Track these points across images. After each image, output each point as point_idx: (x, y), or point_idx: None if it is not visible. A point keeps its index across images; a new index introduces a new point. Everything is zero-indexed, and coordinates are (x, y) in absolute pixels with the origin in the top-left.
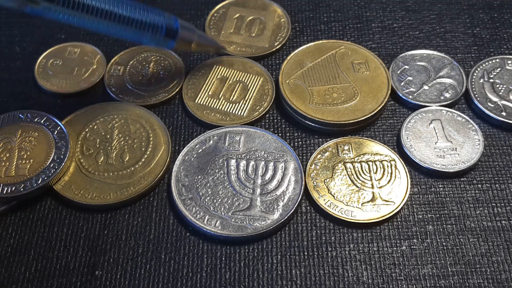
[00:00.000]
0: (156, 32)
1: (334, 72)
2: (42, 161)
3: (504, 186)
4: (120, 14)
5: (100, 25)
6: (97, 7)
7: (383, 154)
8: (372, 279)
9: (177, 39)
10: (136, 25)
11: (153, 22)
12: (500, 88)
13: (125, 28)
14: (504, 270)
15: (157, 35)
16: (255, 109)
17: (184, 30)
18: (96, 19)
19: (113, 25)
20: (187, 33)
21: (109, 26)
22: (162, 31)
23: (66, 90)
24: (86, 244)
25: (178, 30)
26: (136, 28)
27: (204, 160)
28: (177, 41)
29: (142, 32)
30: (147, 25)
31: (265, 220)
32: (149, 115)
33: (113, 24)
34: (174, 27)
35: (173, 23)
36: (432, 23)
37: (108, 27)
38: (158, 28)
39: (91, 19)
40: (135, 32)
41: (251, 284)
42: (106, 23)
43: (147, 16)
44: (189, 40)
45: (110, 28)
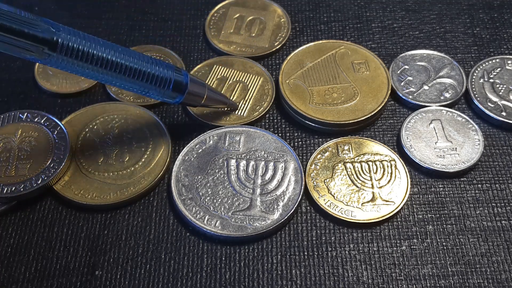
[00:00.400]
0: (164, 86)
1: (334, 72)
2: (42, 161)
3: (504, 186)
4: (127, 66)
5: (104, 76)
6: (102, 57)
7: (383, 154)
8: (372, 279)
9: (186, 93)
10: (143, 78)
11: (161, 75)
12: (500, 88)
13: (131, 81)
14: (504, 270)
15: (165, 89)
16: (255, 109)
17: (193, 85)
18: (100, 70)
19: (119, 77)
20: (197, 87)
21: (114, 78)
22: (170, 85)
23: (66, 90)
24: (86, 244)
25: (188, 85)
26: (143, 81)
27: (204, 160)
28: (186, 96)
29: (149, 85)
30: (155, 78)
31: (265, 220)
32: (149, 115)
33: (119, 76)
34: (183, 82)
35: (182, 77)
36: (432, 23)
37: (114, 78)
38: (166, 82)
39: (95, 70)
40: (142, 85)
41: (251, 284)
42: (111, 75)
43: (155, 69)
44: (198, 96)
45: (116, 80)
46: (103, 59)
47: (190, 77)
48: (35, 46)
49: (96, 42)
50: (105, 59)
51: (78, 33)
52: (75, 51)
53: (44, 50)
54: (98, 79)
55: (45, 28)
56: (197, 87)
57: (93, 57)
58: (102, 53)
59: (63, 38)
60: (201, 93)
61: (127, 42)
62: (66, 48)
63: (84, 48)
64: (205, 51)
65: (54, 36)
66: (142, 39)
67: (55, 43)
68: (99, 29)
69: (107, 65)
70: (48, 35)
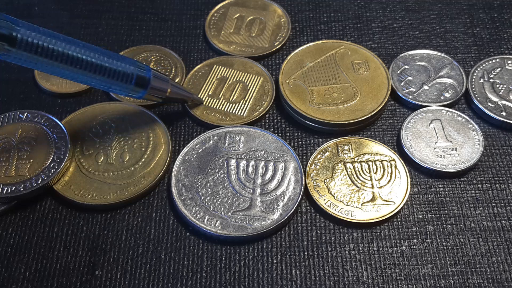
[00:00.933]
0: (126, 81)
1: (334, 72)
2: (42, 161)
3: (504, 186)
4: (88, 61)
5: (65, 72)
6: (62, 52)
7: (383, 154)
8: (372, 279)
9: (148, 89)
10: (105, 73)
11: (123, 70)
12: (500, 88)
13: (93, 76)
14: (504, 270)
15: (127, 84)
16: (255, 109)
17: (156, 80)
18: (61, 66)
19: (81, 72)
20: (160, 83)
21: (76, 73)
22: (132, 80)
23: (66, 90)
24: (86, 244)
25: (150, 80)
26: (105, 76)
27: (204, 160)
28: (148, 91)
29: (112, 80)
30: (117, 73)
31: (265, 220)
32: (149, 115)
33: (81, 71)
34: (146, 76)
35: (145, 72)
36: (432, 23)
37: (75, 74)
38: (128, 77)
39: (55, 66)
40: (104, 80)
41: (251, 284)
42: (72, 70)
43: (117, 64)
44: (162, 90)
45: (77, 75)
46: (64, 54)
47: (153, 72)
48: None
49: (56, 38)
50: (65, 54)
51: (38, 29)
52: (34, 47)
53: (4, 46)
54: (59, 75)
55: (4, 23)
56: (160, 82)
57: (53, 52)
58: (62, 48)
59: (22, 33)
60: (164, 88)
61: (127, 42)
62: (25, 44)
63: (44, 44)
64: (205, 51)
65: (14, 32)
66: (142, 39)
67: (14, 39)
68: (99, 29)
69: (67, 60)
70: (7, 30)
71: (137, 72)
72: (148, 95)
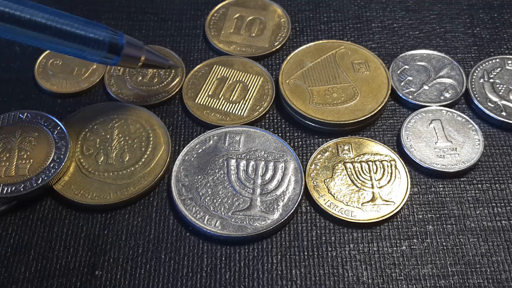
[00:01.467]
0: (98, 47)
1: (334, 72)
2: (42, 161)
3: (504, 186)
4: (57, 28)
5: (35, 40)
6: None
7: (383, 154)
8: (372, 279)
9: (122, 55)
10: (76, 40)
11: (95, 37)
12: (500, 88)
13: (65, 43)
14: (504, 270)
15: (100, 51)
16: (255, 109)
17: (130, 46)
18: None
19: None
20: (134, 49)
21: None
22: (105, 47)
23: (66, 90)
24: (86, 244)
25: (123, 46)
26: (77, 43)
27: (204, 160)
28: (122, 58)
29: (84, 47)
30: (89, 40)
31: (265, 220)
32: (149, 115)
33: (50, 38)
34: (119, 43)
35: (118, 38)
36: (432, 23)
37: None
38: (100, 44)
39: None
40: (76, 48)
41: (251, 284)
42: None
43: (89, 30)
44: (135, 57)
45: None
46: (31, 21)
47: (126, 38)
48: None
49: (24, 4)
50: (33, 21)
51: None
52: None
53: None
54: (29, 43)
55: None
56: (133, 48)
57: (20, 20)
58: (30, 15)
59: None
60: (138, 54)
61: None
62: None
63: (10, 11)
64: (205, 51)
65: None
66: (142, 39)
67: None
68: None
69: (36, 27)
70: None
71: (110, 39)
72: (122, 61)
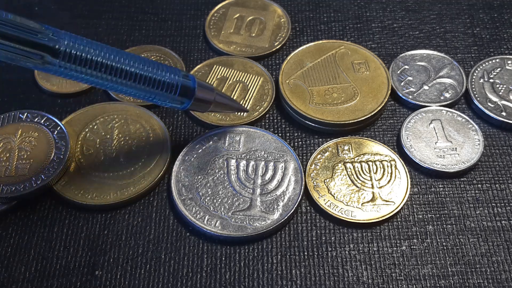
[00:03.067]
0: (171, 91)
1: (334, 72)
2: (42, 161)
3: (504, 186)
4: (132, 72)
5: (109, 84)
6: (106, 64)
7: (383, 154)
8: (372, 279)
9: (193, 98)
10: (149, 84)
11: (168, 80)
12: (500, 88)
13: (137, 87)
14: (504, 270)
15: (172, 94)
16: (255, 109)
17: (201, 90)
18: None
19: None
20: (205, 93)
21: (120, 85)
22: (177, 90)
23: (66, 90)
24: (86, 244)
25: (195, 89)
26: (149, 87)
27: (204, 160)
28: (193, 102)
29: (156, 91)
30: (161, 83)
31: (265, 220)
32: (149, 115)
33: (125, 82)
34: (190, 86)
35: (190, 81)
36: (432, 23)
37: (119, 85)
38: (173, 87)
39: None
40: (148, 91)
41: (251, 284)
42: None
43: (161, 74)
44: (206, 101)
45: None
46: (107, 66)
47: (198, 82)
48: (37, 54)
49: (99, 49)
50: (109, 66)
51: (81, 39)
52: (78, 58)
53: (46, 58)
54: (103, 87)
55: (47, 34)
56: (205, 92)
57: (96, 64)
58: (106, 60)
59: (65, 45)
60: (209, 98)
61: (127, 42)
62: (68, 55)
63: (87, 55)
64: (205, 51)
65: (57, 44)
66: (142, 39)
67: (57, 50)
68: (99, 29)
69: (111, 72)
70: (51, 42)
71: (182, 82)
72: (193, 106)
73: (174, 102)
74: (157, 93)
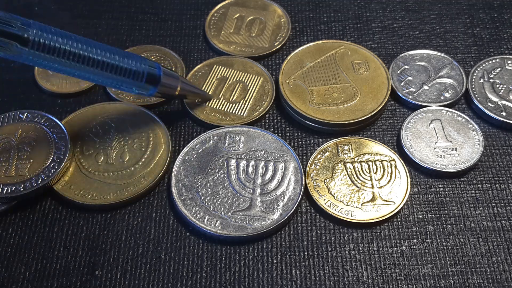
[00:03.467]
0: (137, 79)
1: (334, 72)
2: (42, 161)
3: (504, 186)
4: (99, 60)
5: (77, 71)
6: (74, 52)
7: (383, 154)
8: (372, 279)
9: (159, 86)
10: (116, 72)
11: (134, 68)
12: (500, 88)
13: (105, 75)
14: (504, 270)
15: (138, 82)
16: (255, 109)
17: (166, 77)
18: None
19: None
20: (170, 80)
21: (87, 72)
22: (143, 78)
23: (66, 90)
24: (86, 244)
25: (161, 77)
26: (117, 75)
27: (204, 160)
28: (159, 88)
29: (123, 78)
30: (128, 71)
31: (265, 220)
32: (149, 115)
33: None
34: (156, 74)
35: (155, 69)
36: (432, 23)
37: (87, 73)
38: (139, 75)
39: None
40: (115, 78)
41: (251, 284)
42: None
43: (128, 63)
44: (172, 88)
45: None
46: (75, 54)
47: (163, 70)
48: (5, 42)
49: (68, 38)
50: (77, 54)
51: (49, 29)
52: (46, 47)
53: (15, 46)
54: (71, 74)
55: (16, 24)
56: (170, 80)
57: (64, 52)
58: (74, 48)
59: (34, 34)
60: (174, 85)
61: (127, 42)
62: (37, 44)
63: (55, 44)
64: (205, 51)
65: (26, 33)
66: (142, 39)
67: (26, 39)
68: (99, 29)
69: (79, 60)
70: (20, 31)
71: (148, 70)
72: (158, 92)
73: (140, 89)
74: (124, 81)
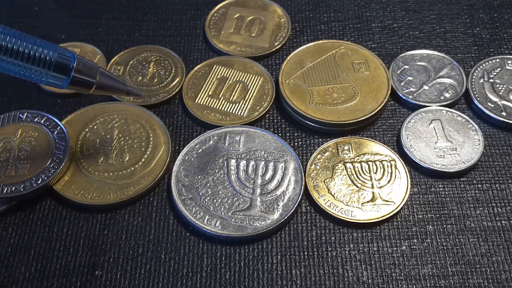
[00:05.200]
0: (44, 66)
1: (334, 72)
2: (42, 161)
3: (504, 186)
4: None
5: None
6: None
7: (383, 154)
8: (372, 279)
9: (71, 76)
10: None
11: (40, 55)
12: (500, 88)
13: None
14: (504, 270)
15: (46, 70)
16: (255, 109)
17: (81, 67)
18: None
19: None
20: (87, 70)
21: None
22: (52, 66)
23: (66, 90)
24: (86, 244)
25: (73, 67)
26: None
27: (204, 160)
28: (72, 79)
29: (28, 66)
30: (33, 57)
31: (265, 220)
32: (149, 115)
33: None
34: (66, 63)
35: (67, 58)
36: (432, 23)
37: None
38: (47, 62)
39: None
40: (21, 66)
41: (251, 284)
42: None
43: (35, 49)
44: (87, 80)
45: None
46: None
47: (78, 59)
48: None
49: None
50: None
51: None
52: None
53: None
54: None
55: None
56: (86, 69)
57: None
58: None
59: None
60: (91, 77)
61: (127, 42)
62: None
63: None
64: (205, 51)
65: None
66: (142, 39)
67: None
68: (99, 29)
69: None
70: None
71: (57, 58)
72: (73, 84)
73: (52, 79)
74: (30, 68)
